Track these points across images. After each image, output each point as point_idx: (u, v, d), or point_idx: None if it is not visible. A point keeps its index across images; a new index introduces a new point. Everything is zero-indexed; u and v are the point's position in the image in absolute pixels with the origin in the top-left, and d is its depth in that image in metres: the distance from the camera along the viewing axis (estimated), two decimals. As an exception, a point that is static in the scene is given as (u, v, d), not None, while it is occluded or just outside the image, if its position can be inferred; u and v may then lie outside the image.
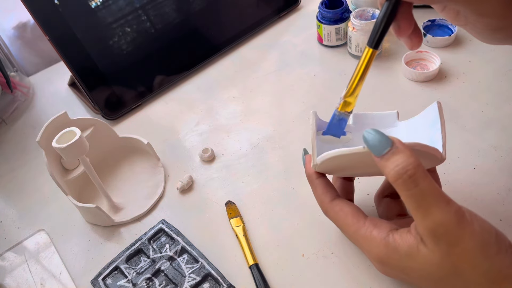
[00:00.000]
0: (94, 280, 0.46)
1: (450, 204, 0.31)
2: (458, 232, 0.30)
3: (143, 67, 0.65)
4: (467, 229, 0.30)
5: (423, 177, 0.31)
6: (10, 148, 0.63)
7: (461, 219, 0.30)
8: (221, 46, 0.70)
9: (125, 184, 0.55)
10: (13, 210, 0.56)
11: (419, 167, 0.31)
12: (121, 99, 0.64)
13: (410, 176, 0.31)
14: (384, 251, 0.34)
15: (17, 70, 0.71)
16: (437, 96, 0.57)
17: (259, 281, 0.43)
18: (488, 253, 0.30)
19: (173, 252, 0.46)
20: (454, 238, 0.30)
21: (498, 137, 0.51)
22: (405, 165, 0.31)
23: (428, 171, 0.39)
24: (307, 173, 0.41)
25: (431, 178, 0.31)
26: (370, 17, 0.61)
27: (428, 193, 0.31)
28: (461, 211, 0.31)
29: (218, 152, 0.56)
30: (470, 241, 0.30)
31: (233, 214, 0.49)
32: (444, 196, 0.31)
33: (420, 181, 0.31)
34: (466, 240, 0.30)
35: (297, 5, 0.75)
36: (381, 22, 0.35)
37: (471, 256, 0.31)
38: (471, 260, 0.31)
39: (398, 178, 0.31)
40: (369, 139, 0.32)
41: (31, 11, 0.57)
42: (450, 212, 0.30)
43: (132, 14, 0.63)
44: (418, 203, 0.31)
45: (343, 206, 0.38)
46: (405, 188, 0.31)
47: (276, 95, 0.63)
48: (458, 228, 0.30)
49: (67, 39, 0.60)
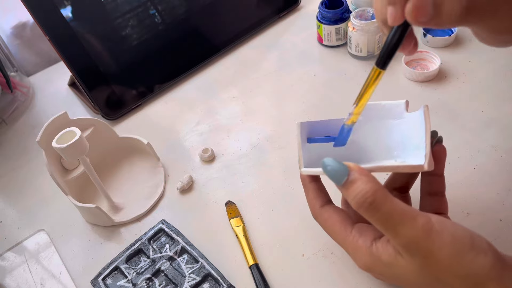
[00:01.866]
0: (94, 280, 0.46)
1: (416, 219, 0.31)
2: (429, 246, 0.31)
3: (143, 67, 0.65)
4: (437, 241, 0.31)
5: (383, 201, 0.31)
6: (10, 148, 0.63)
7: (429, 232, 0.31)
8: (221, 46, 0.70)
9: (125, 184, 0.55)
10: (13, 210, 0.56)
11: (377, 192, 0.31)
12: (121, 99, 0.64)
13: (370, 204, 0.31)
14: (369, 260, 0.34)
15: (17, 70, 0.71)
16: (437, 96, 0.57)
17: (259, 281, 0.43)
18: (464, 261, 0.31)
19: (173, 252, 0.46)
20: (427, 251, 0.31)
21: (498, 137, 0.51)
22: (363, 193, 0.31)
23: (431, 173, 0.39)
24: (300, 176, 0.41)
25: (392, 199, 0.31)
26: (370, 17, 0.61)
27: (392, 215, 0.31)
28: (429, 224, 0.31)
29: (218, 152, 0.56)
30: (442, 252, 0.30)
31: (233, 214, 0.49)
32: (409, 213, 0.31)
33: (380, 206, 0.31)
34: (438, 252, 0.31)
35: (297, 5, 0.75)
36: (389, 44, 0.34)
37: (446, 266, 0.31)
38: (448, 269, 0.31)
39: (359, 207, 0.32)
40: (327, 170, 0.33)
41: (30, 11, 0.57)
42: (417, 228, 0.31)
43: (132, 14, 0.63)
44: (385, 226, 0.31)
45: (332, 213, 0.38)
46: (369, 215, 0.32)
47: (276, 95, 0.63)
48: (428, 241, 0.31)
49: (67, 39, 0.60)
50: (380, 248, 0.34)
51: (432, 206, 0.40)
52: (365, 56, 0.63)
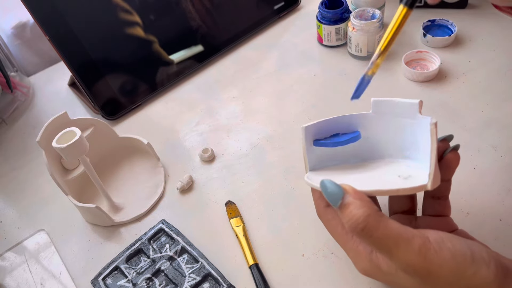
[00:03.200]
0: (94, 280, 0.46)
1: (411, 242, 0.31)
2: (427, 267, 0.30)
3: (143, 67, 0.65)
4: (436, 261, 0.30)
5: (376, 226, 0.31)
6: (10, 148, 0.63)
7: (427, 254, 0.30)
8: (221, 46, 0.70)
9: (125, 184, 0.55)
10: (13, 210, 0.56)
11: (369, 217, 0.31)
12: (121, 99, 0.64)
13: (362, 229, 0.31)
14: (369, 267, 0.34)
15: (17, 70, 0.71)
16: (437, 96, 0.57)
17: (259, 281, 0.43)
18: (465, 277, 0.30)
19: (173, 252, 0.46)
20: (426, 273, 0.30)
21: (498, 137, 0.51)
22: (355, 219, 0.31)
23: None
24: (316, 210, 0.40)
25: (386, 223, 0.31)
26: (370, 17, 0.61)
27: (386, 239, 0.31)
28: (426, 245, 0.31)
29: (218, 152, 0.56)
30: (443, 271, 0.30)
31: (233, 214, 0.49)
32: (404, 235, 0.31)
33: (373, 231, 0.31)
34: (439, 272, 0.30)
35: (297, 5, 0.75)
36: None
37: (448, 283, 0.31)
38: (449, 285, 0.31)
39: (353, 231, 0.32)
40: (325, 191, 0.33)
41: (30, 11, 0.57)
42: (413, 251, 0.30)
43: (132, 14, 0.63)
44: (380, 249, 0.31)
45: (335, 215, 0.37)
46: (363, 240, 0.32)
47: (276, 95, 0.63)
48: (426, 263, 0.30)
49: (67, 39, 0.60)
50: (380, 258, 0.33)
51: (434, 209, 0.39)
52: (365, 56, 0.63)
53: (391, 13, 0.69)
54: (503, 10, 0.66)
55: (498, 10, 0.67)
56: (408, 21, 0.36)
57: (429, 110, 0.56)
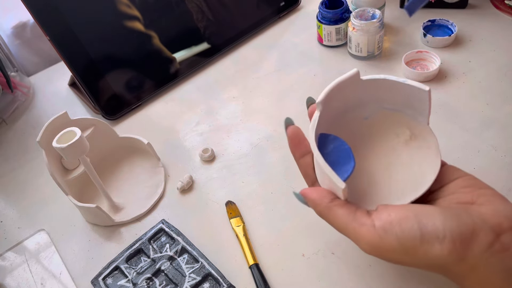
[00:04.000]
0: (94, 280, 0.46)
1: (358, 232, 0.33)
2: (379, 253, 0.33)
3: (143, 67, 0.65)
4: (383, 247, 0.32)
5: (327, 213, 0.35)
6: (10, 148, 0.64)
7: (373, 243, 0.32)
8: (221, 46, 0.70)
9: (125, 184, 0.55)
10: (13, 210, 0.56)
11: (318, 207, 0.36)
12: (121, 99, 0.64)
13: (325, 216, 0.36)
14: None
15: (17, 70, 0.71)
16: (437, 96, 0.57)
17: (259, 281, 0.43)
18: (418, 256, 0.31)
19: (173, 252, 0.46)
20: (381, 256, 0.33)
21: (498, 137, 0.51)
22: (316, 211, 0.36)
23: None
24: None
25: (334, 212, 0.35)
26: (370, 17, 0.61)
27: (338, 227, 0.35)
28: (370, 234, 0.32)
29: (218, 152, 0.56)
30: (394, 255, 0.32)
31: (233, 214, 0.49)
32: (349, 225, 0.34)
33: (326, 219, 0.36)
34: (391, 255, 0.32)
35: (297, 5, 0.75)
36: None
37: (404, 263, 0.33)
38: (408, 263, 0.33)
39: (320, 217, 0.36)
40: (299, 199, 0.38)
41: (31, 11, 0.57)
42: (362, 240, 0.33)
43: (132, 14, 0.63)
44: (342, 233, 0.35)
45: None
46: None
47: (276, 95, 0.63)
48: (375, 250, 0.32)
49: (67, 39, 0.60)
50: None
51: None
52: (365, 56, 0.63)
53: (391, 13, 0.69)
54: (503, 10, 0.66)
55: (498, 10, 0.67)
56: (408, 21, 0.36)
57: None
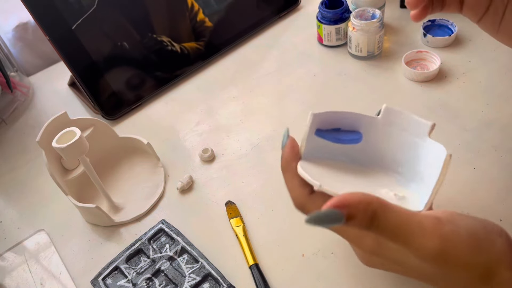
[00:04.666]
0: (94, 280, 0.46)
1: (423, 225, 0.29)
2: (444, 248, 0.29)
3: (143, 67, 0.65)
4: (452, 239, 0.29)
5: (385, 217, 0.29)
6: (10, 148, 0.63)
7: (441, 237, 0.29)
8: (221, 46, 0.70)
9: (125, 184, 0.55)
10: (13, 210, 0.56)
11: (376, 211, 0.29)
12: (121, 99, 0.64)
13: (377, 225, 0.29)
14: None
15: (17, 70, 0.71)
16: (437, 96, 0.57)
17: (259, 281, 0.43)
18: (482, 250, 0.30)
19: (173, 252, 0.46)
20: (443, 254, 0.29)
21: (498, 137, 0.51)
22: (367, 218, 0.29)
23: None
24: (283, 157, 0.37)
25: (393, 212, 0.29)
26: (370, 17, 0.61)
27: (399, 228, 0.29)
28: (438, 227, 0.29)
29: (218, 152, 0.56)
30: (460, 250, 0.29)
31: (233, 214, 0.49)
32: (414, 221, 0.29)
33: (386, 221, 0.29)
34: (456, 251, 0.29)
35: (297, 5, 0.75)
36: None
37: (465, 261, 0.29)
38: (467, 263, 0.30)
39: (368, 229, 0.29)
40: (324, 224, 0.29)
41: (30, 10, 0.57)
42: (427, 235, 0.29)
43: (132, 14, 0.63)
44: (396, 240, 0.29)
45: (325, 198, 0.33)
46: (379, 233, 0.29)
47: (276, 95, 0.62)
48: (443, 244, 0.29)
49: (67, 39, 0.60)
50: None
51: None
52: (365, 56, 0.63)
53: (391, 13, 0.69)
54: None
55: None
56: (408, 21, 0.36)
57: (429, 110, 0.56)
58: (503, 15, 0.33)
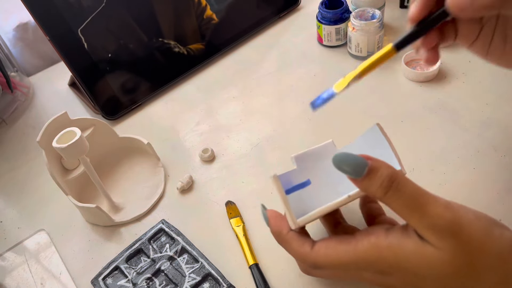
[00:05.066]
0: (94, 280, 0.46)
1: (438, 199, 0.31)
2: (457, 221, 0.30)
3: (143, 67, 0.65)
4: (464, 218, 0.31)
5: (406, 182, 0.32)
6: (10, 148, 0.63)
7: (454, 211, 0.31)
8: (221, 46, 0.70)
9: (125, 184, 0.55)
10: (13, 210, 0.56)
11: (398, 173, 0.32)
12: (121, 99, 0.64)
13: (397, 186, 0.31)
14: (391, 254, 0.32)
15: (17, 70, 0.71)
16: (437, 96, 0.57)
17: (259, 281, 0.43)
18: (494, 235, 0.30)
19: (173, 252, 0.46)
20: (457, 228, 0.30)
21: (498, 137, 0.51)
22: (389, 177, 0.32)
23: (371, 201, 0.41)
24: (274, 232, 0.39)
25: (412, 181, 0.32)
26: (370, 18, 0.61)
27: (417, 195, 0.31)
28: (450, 204, 0.31)
29: (218, 152, 0.56)
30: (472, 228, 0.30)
31: (233, 214, 0.49)
32: (430, 194, 0.32)
33: (405, 187, 0.32)
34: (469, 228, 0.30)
35: (297, 5, 0.75)
36: (413, 32, 0.34)
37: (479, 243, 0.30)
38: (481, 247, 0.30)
39: (386, 191, 0.32)
40: (347, 164, 0.33)
41: (30, 10, 0.57)
42: (442, 206, 0.31)
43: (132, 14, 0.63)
44: (411, 207, 0.31)
45: (328, 243, 0.36)
46: (396, 198, 0.32)
47: (276, 95, 0.63)
48: (456, 217, 0.30)
49: (67, 39, 0.60)
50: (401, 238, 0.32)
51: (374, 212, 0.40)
52: (365, 56, 0.63)
53: (391, 13, 0.69)
54: None
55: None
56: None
57: (429, 110, 0.56)
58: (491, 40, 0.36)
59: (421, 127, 0.54)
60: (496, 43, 0.36)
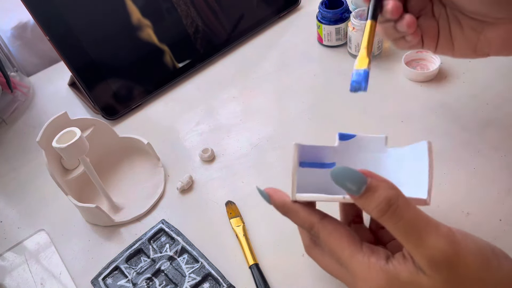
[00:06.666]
0: (94, 280, 0.46)
1: (439, 228, 0.30)
2: (456, 254, 0.29)
3: (143, 67, 0.65)
4: (463, 250, 0.29)
5: (407, 207, 0.30)
6: (10, 148, 0.63)
7: (454, 242, 0.29)
8: (221, 46, 0.70)
9: (125, 184, 0.55)
10: (13, 210, 0.56)
11: (399, 197, 0.30)
12: (121, 99, 0.64)
13: (395, 211, 0.29)
14: (384, 280, 0.31)
15: (17, 70, 0.71)
16: (437, 96, 0.57)
17: (259, 281, 0.43)
18: (491, 267, 0.30)
19: (173, 252, 0.46)
20: (454, 261, 0.29)
21: (498, 137, 0.51)
22: (387, 200, 0.29)
23: None
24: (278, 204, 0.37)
25: (414, 206, 0.30)
26: (370, 17, 0.60)
27: (416, 222, 0.29)
28: (451, 233, 0.30)
29: (218, 152, 0.56)
30: (471, 260, 0.29)
31: (233, 214, 0.49)
32: (432, 221, 0.30)
33: (405, 212, 0.29)
34: (466, 260, 0.29)
35: (297, 5, 0.75)
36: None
37: (475, 276, 0.29)
38: (477, 278, 0.29)
39: (383, 214, 0.30)
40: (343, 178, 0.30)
41: (30, 10, 0.57)
42: (442, 236, 0.29)
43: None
44: (408, 234, 0.30)
45: (337, 225, 0.34)
46: (393, 223, 0.30)
47: (276, 95, 0.63)
48: (455, 250, 0.29)
49: (67, 39, 0.60)
50: (398, 265, 0.31)
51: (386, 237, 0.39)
52: (365, 56, 0.63)
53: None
54: None
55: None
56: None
57: (429, 110, 0.56)
58: (450, 30, 0.37)
59: (421, 127, 0.54)
60: (456, 33, 0.37)
